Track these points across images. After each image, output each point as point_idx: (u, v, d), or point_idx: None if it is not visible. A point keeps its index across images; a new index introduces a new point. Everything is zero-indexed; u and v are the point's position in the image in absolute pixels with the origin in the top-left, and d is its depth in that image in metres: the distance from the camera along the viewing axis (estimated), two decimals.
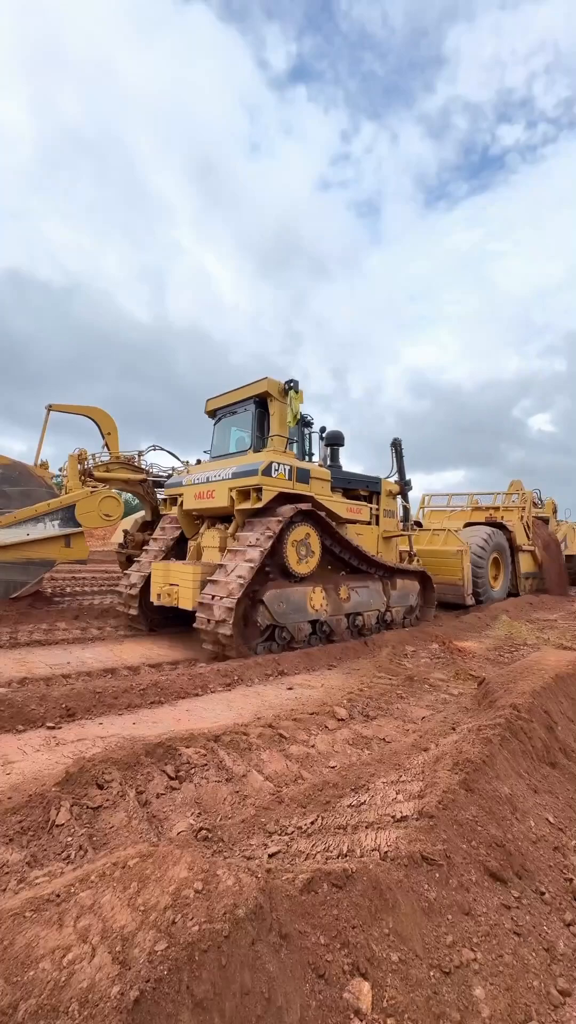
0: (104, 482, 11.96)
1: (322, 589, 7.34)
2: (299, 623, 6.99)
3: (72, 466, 11.64)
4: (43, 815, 2.48)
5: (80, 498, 10.18)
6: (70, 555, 10.05)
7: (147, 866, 1.67)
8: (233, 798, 2.87)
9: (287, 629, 6.83)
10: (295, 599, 6.93)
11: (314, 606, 7.20)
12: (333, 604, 7.50)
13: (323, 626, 7.42)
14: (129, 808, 2.60)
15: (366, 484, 9.56)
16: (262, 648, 6.61)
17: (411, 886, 1.89)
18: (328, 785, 2.83)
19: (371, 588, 8.35)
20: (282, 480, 6.94)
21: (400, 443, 10.07)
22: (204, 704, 4.86)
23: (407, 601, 9.37)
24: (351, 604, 7.86)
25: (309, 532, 7.13)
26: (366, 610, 8.19)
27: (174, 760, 3.15)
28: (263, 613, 6.52)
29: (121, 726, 4.11)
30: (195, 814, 2.65)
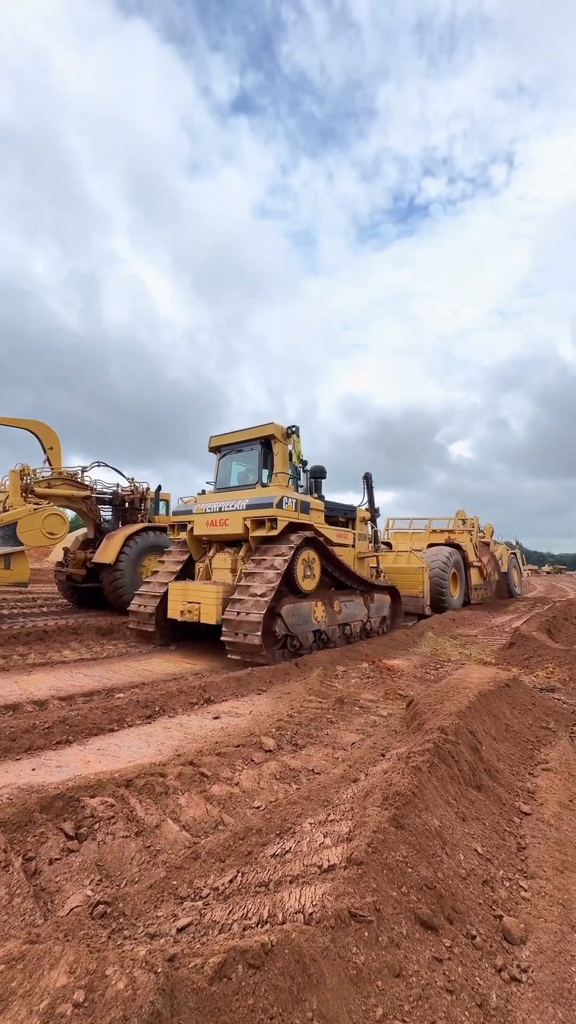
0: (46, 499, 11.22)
1: (322, 603, 8.58)
2: (306, 632, 8.12)
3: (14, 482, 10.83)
4: None
5: (23, 515, 9.37)
6: (10, 577, 9.22)
7: (15, 975, 1.33)
8: (142, 856, 2.51)
9: (297, 638, 7.90)
10: (303, 612, 8.10)
11: (317, 618, 8.42)
12: (330, 616, 8.76)
13: (322, 635, 8.58)
14: (12, 883, 2.17)
15: (344, 512, 10.83)
16: (279, 655, 7.64)
17: (338, 952, 1.69)
18: (251, 831, 2.57)
19: (356, 602, 9.68)
20: (291, 512, 8.21)
21: (371, 477, 11.46)
22: (120, 741, 4.40)
23: (382, 612, 10.80)
24: (343, 616, 9.16)
25: (312, 555, 8.41)
26: (353, 620, 9.48)
27: (75, 814, 2.73)
28: (280, 624, 7.60)
29: (17, 774, 3.58)
30: (94, 882, 2.27)
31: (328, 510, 10.23)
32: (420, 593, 12.86)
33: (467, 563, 17.13)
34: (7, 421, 11.83)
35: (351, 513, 11.03)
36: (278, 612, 7.62)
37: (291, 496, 8.32)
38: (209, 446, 10.06)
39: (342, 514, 10.81)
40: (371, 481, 11.41)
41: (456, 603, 15.86)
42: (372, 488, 11.38)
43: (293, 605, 7.91)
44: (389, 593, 11.39)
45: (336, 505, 10.69)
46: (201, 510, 9.13)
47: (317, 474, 10.79)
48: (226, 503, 8.70)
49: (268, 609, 7.25)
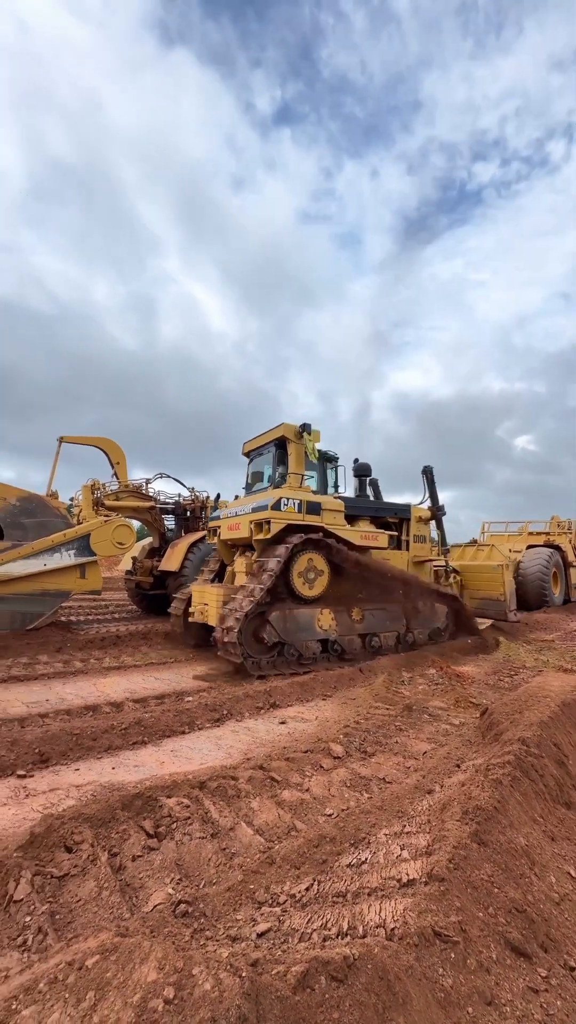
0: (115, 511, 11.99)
1: (331, 610, 7.85)
2: (306, 641, 7.52)
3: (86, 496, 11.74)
4: (0, 889, 2.16)
5: (95, 527, 10.07)
6: (85, 586, 9.93)
7: (109, 967, 1.39)
8: (219, 858, 2.56)
9: (295, 647, 7.41)
10: (301, 619, 7.53)
11: (322, 626, 7.74)
12: (344, 624, 8.00)
13: (334, 645, 7.85)
14: (100, 876, 2.29)
15: (394, 511, 10.04)
16: (266, 663, 7.22)
17: (423, 972, 1.62)
18: (325, 839, 2.54)
19: (389, 610, 8.68)
20: (291, 513, 7.68)
21: (431, 470, 10.34)
22: (191, 743, 4.54)
23: (432, 623, 9.49)
24: (365, 625, 8.29)
25: (314, 558, 7.78)
26: (383, 631, 8.55)
27: (154, 813, 2.84)
28: (269, 631, 7.20)
29: (99, 772, 3.78)
30: (175, 880, 2.34)
31: (372, 510, 9.65)
32: (501, 595, 10.65)
33: (567, 563, 17.34)
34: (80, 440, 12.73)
35: (404, 513, 10.18)
36: (267, 618, 7.25)
37: (294, 497, 7.82)
38: (242, 451, 10.02)
39: (391, 513, 10.04)
40: (432, 475, 10.40)
41: (558, 600, 16.18)
42: (434, 483, 10.40)
43: (287, 612, 7.42)
44: (446, 602, 9.94)
45: (381, 504, 10.07)
46: (226, 515, 9.12)
47: (360, 472, 10.30)
48: (242, 507, 8.58)
49: (253, 611, 6.98)
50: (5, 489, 9.46)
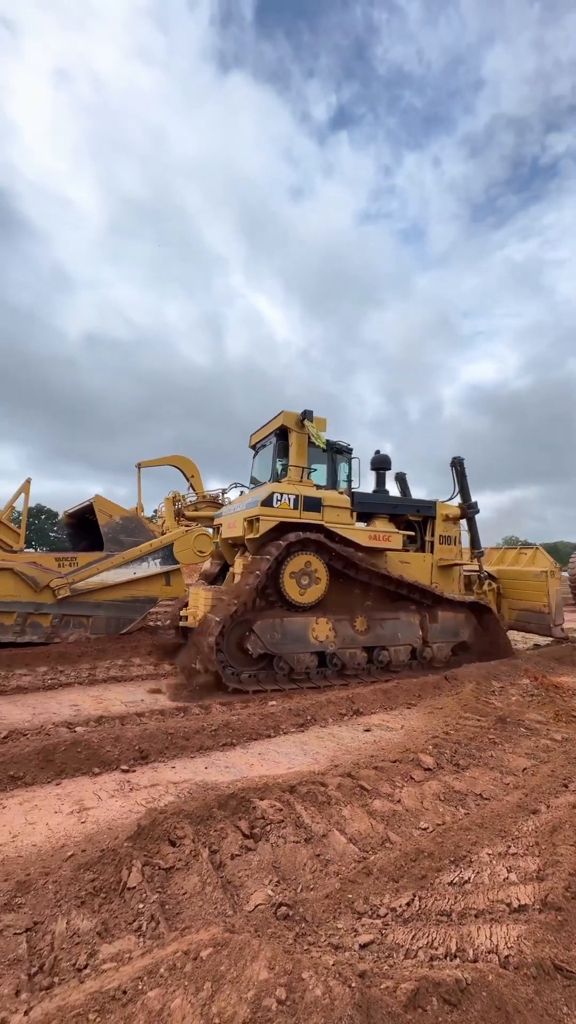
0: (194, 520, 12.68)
1: (328, 619, 6.96)
2: (298, 654, 6.69)
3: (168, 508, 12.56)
4: (115, 875, 2.34)
5: (177, 537, 10.71)
6: (170, 592, 10.56)
7: (222, 960, 1.45)
8: (314, 864, 2.57)
9: (284, 659, 6.62)
10: (293, 629, 6.68)
11: (317, 637, 6.85)
12: (345, 635, 7.07)
13: (333, 659, 7.03)
14: (203, 871, 2.40)
15: (416, 508, 9.01)
16: (248, 676, 6.49)
17: (545, 1007, 1.51)
18: (422, 854, 2.46)
19: (402, 620, 7.69)
20: (285, 509, 6.95)
21: (462, 462, 9.19)
22: (277, 747, 4.61)
23: (455, 637, 8.29)
24: (370, 636, 7.31)
25: (311, 560, 6.90)
26: (393, 644, 7.53)
27: (248, 814, 2.91)
28: (254, 641, 6.42)
29: (193, 770, 3.96)
30: (273, 882, 2.39)
31: (389, 507, 8.74)
32: (544, 607, 9.16)
33: None
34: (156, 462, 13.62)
35: (428, 510, 9.02)
36: (252, 627, 6.47)
37: (289, 492, 7.03)
38: (248, 444, 9.23)
39: (412, 511, 8.95)
40: (462, 468, 9.15)
41: None
42: (464, 477, 9.13)
43: (274, 620, 6.58)
44: (472, 612, 8.60)
45: (400, 501, 9.10)
46: (227, 512, 8.57)
47: (379, 465, 9.30)
48: (241, 504, 7.87)
49: (233, 619, 6.27)
50: (113, 507, 10.28)
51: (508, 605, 9.78)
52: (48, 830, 2.92)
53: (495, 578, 9.80)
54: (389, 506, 8.78)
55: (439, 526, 9.02)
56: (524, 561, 10.53)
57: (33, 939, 1.98)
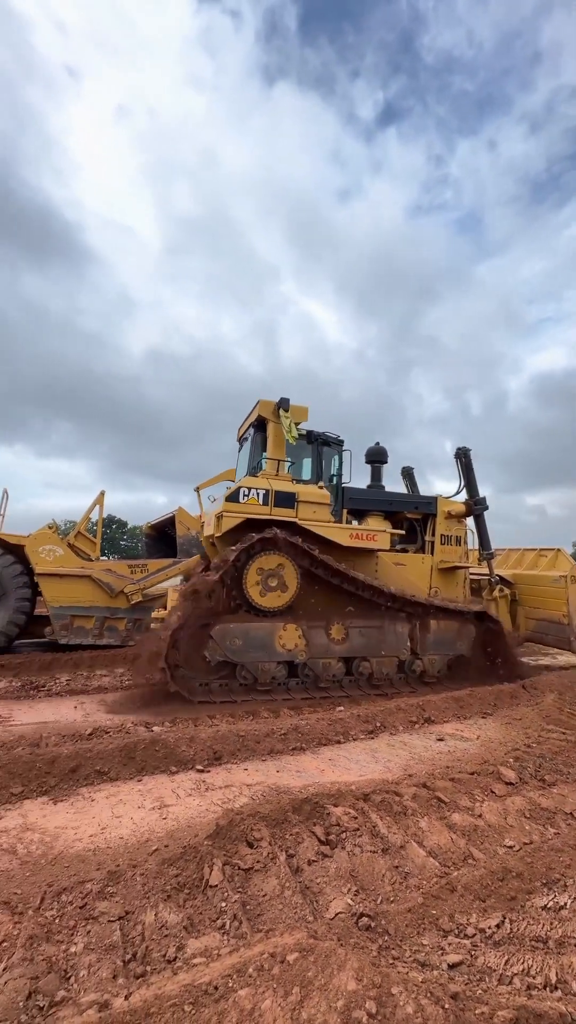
0: None
1: (297, 626, 6.32)
2: (262, 663, 6.13)
3: None
4: (197, 872, 2.41)
5: None
6: None
7: (309, 966, 1.45)
8: (393, 876, 2.51)
9: (247, 668, 6.10)
10: (257, 636, 6.12)
11: (285, 645, 6.23)
12: (318, 644, 6.42)
13: (305, 669, 6.41)
14: (281, 875, 2.42)
15: (414, 505, 8.25)
16: (200, 687, 5.94)
17: None
18: (510, 874, 2.32)
19: (387, 629, 6.87)
20: (253, 505, 6.35)
21: (467, 453, 8.17)
22: (347, 753, 4.56)
23: (451, 649, 7.33)
24: (348, 646, 6.61)
25: (280, 561, 6.24)
26: (375, 655, 6.80)
27: (323, 820, 2.90)
28: (212, 648, 5.93)
29: (265, 773, 4.01)
30: (352, 891, 2.36)
31: (384, 503, 8.08)
32: (564, 616, 7.92)
33: None
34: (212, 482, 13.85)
35: (428, 507, 8.18)
36: (210, 632, 5.95)
37: (257, 486, 6.46)
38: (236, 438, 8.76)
39: (410, 508, 8.18)
40: (468, 460, 8.18)
41: None
42: (471, 470, 8.18)
43: (234, 625, 6.03)
44: (472, 621, 7.54)
45: (396, 496, 8.34)
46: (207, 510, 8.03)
47: (374, 458, 8.68)
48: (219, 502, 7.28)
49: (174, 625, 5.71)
50: (193, 521, 10.66)
51: (524, 614, 8.65)
52: (133, 824, 3.08)
53: (509, 583, 8.71)
54: (383, 502, 8.10)
55: (440, 524, 8.12)
56: (543, 564, 9.18)
57: (126, 927, 2.09)
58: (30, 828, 2.98)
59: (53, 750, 3.94)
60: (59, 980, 1.79)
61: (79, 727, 4.81)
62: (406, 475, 9.56)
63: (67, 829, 2.99)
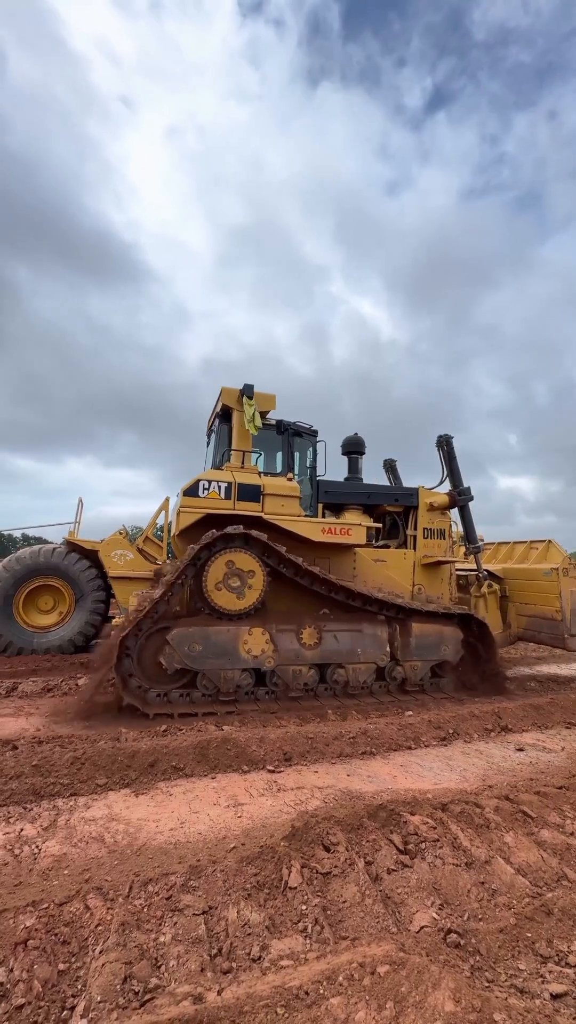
0: None
1: (264, 630, 5.79)
2: (225, 671, 5.61)
3: None
4: (276, 872, 2.42)
5: None
6: None
7: (401, 980, 1.40)
8: (479, 892, 2.38)
9: (208, 676, 5.57)
10: (219, 640, 5.61)
11: (250, 651, 5.70)
12: (287, 650, 5.86)
13: (273, 677, 5.88)
14: (360, 882, 2.37)
15: (394, 497, 7.74)
16: (157, 697, 5.40)
17: None
18: None
19: (365, 633, 6.30)
20: (214, 500, 5.95)
21: (449, 440, 7.52)
22: (419, 760, 4.41)
23: (435, 654, 6.65)
24: (320, 652, 6.03)
25: (244, 559, 5.76)
26: (351, 661, 6.21)
27: (400, 829, 2.82)
28: (169, 653, 5.43)
29: (335, 776, 3.97)
30: (436, 905, 2.26)
31: (362, 496, 7.55)
32: (556, 612, 7.31)
33: None
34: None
35: (408, 499, 7.63)
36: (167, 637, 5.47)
37: (218, 480, 6.03)
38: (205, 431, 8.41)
39: (390, 500, 7.63)
40: (451, 448, 7.52)
41: None
42: (453, 458, 7.53)
43: (194, 629, 5.54)
44: (459, 624, 6.88)
45: (375, 488, 7.75)
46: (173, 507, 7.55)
47: (351, 449, 8.15)
48: None
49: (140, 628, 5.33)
50: None
51: (516, 611, 8.00)
52: (210, 820, 3.15)
53: (499, 578, 8.06)
54: (361, 495, 7.59)
55: (423, 517, 7.55)
56: (534, 557, 8.48)
57: (209, 922, 2.14)
58: (115, 819, 3.14)
59: (132, 745, 4.14)
60: (151, 967, 1.86)
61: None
62: (388, 468, 9.03)
63: (148, 821, 3.12)
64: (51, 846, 2.79)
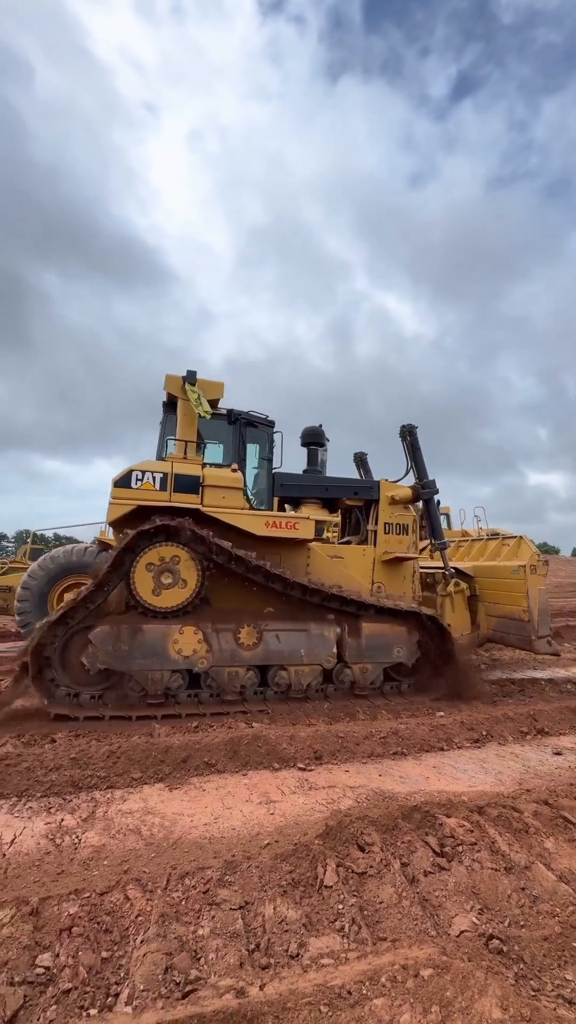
0: None
1: (196, 629, 5.46)
2: (153, 672, 5.28)
3: None
4: (311, 870, 2.42)
5: None
6: None
7: (445, 984, 1.38)
8: (520, 898, 2.32)
9: (135, 678, 5.26)
10: (147, 640, 5.29)
11: (181, 651, 5.35)
12: (222, 651, 5.51)
13: (208, 679, 5.52)
14: (396, 883, 2.34)
15: (353, 491, 7.21)
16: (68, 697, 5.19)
17: None
18: None
19: (311, 632, 5.90)
20: (148, 491, 5.54)
21: (413, 430, 7.10)
22: (452, 761, 4.34)
23: (387, 656, 6.18)
24: (260, 652, 5.65)
25: (177, 555, 5.45)
26: (295, 663, 5.78)
27: (435, 831, 2.78)
28: (91, 653, 5.14)
29: (367, 776, 3.94)
30: (475, 910, 2.22)
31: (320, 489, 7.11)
32: (523, 612, 6.78)
33: None
34: None
35: (368, 492, 7.12)
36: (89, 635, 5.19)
37: (153, 470, 5.65)
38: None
39: (349, 494, 7.15)
40: (415, 439, 7.12)
41: None
42: (417, 449, 7.11)
43: (120, 627, 5.24)
44: (414, 623, 6.36)
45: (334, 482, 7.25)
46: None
47: (310, 440, 7.68)
48: None
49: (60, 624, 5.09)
50: None
51: (485, 611, 7.49)
52: (243, 816, 3.18)
53: (469, 577, 7.53)
54: (318, 488, 7.13)
55: (384, 512, 7.01)
56: (505, 554, 7.83)
57: (246, 917, 2.16)
58: (151, 812, 3.20)
59: (165, 740, 4.21)
60: (191, 959, 1.89)
61: None
62: (359, 461, 8.61)
63: (183, 816, 3.17)
64: (90, 837, 2.87)
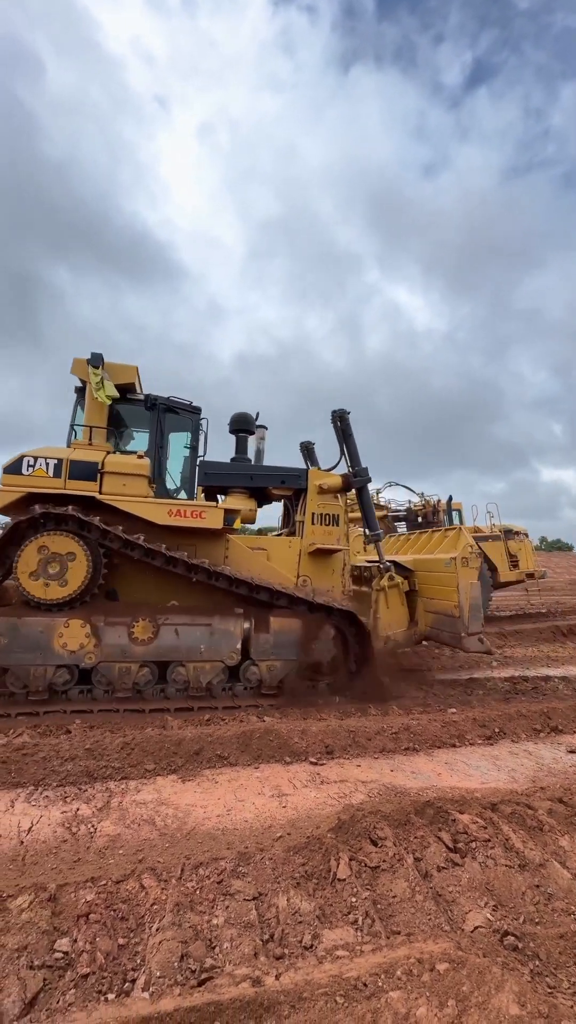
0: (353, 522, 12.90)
1: (84, 622, 5.23)
2: (36, 667, 5.06)
3: None
4: (323, 863, 2.43)
5: None
6: None
7: (462, 979, 1.37)
8: (534, 895, 2.31)
9: (14, 672, 5.05)
10: (29, 633, 5.08)
11: (66, 645, 5.14)
12: (112, 646, 5.27)
13: (97, 675, 5.27)
14: (410, 878, 2.34)
15: (280, 479, 6.90)
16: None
17: None
18: None
19: (215, 627, 5.62)
20: (40, 477, 5.32)
21: (344, 416, 6.79)
22: (464, 758, 4.32)
23: (297, 652, 5.85)
24: (156, 647, 5.39)
25: (65, 545, 5.24)
26: (195, 659, 5.50)
27: (448, 827, 2.77)
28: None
29: (379, 771, 3.94)
30: (489, 906, 2.21)
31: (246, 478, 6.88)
32: (455, 607, 6.37)
33: None
34: None
35: (296, 481, 6.83)
36: None
37: (47, 456, 5.40)
38: None
39: (276, 483, 6.85)
40: (346, 425, 6.83)
41: None
42: (350, 436, 6.82)
43: (4, 619, 5.05)
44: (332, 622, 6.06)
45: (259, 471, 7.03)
46: None
47: (238, 427, 7.41)
48: None
49: None
50: None
51: (423, 607, 7.09)
52: (256, 809, 3.20)
53: (408, 570, 7.14)
54: (243, 476, 6.89)
55: (311, 501, 6.66)
56: (444, 545, 7.41)
57: (260, 908, 2.17)
58: (164, 803, 3.24)
59: (178, 732, 4.25)
60: (206, 948, 1.91)
61: None
62: (305, 451, 8.34)
63: (196, 807, 3.20)
64: (106, 826, 2.91)
